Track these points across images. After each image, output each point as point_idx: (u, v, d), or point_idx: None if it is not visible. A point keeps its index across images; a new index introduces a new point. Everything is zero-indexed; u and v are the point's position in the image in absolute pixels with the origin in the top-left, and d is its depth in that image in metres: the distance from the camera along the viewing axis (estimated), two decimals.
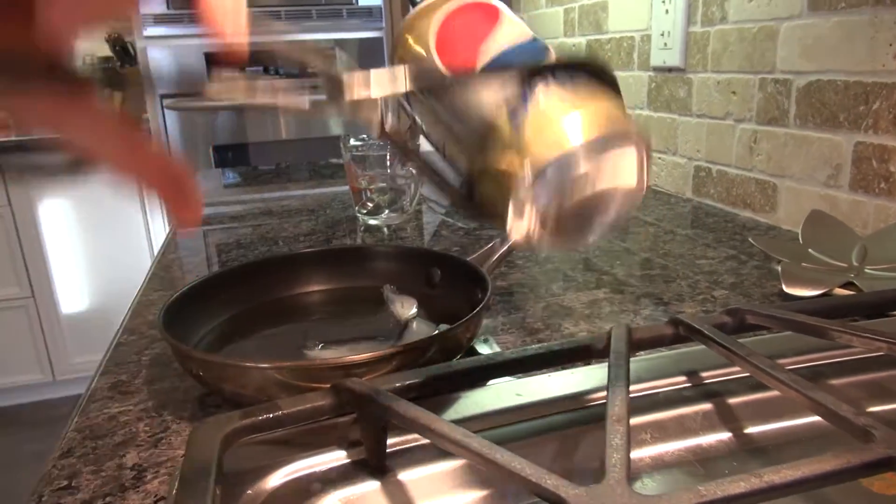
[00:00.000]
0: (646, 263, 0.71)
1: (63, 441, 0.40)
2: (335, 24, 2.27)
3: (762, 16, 0.79)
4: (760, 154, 0.82)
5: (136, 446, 0.39)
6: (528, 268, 0.71)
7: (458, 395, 0.42)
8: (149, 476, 0.37)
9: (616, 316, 0.57)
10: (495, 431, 0.39)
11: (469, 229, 0.86)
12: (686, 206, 0.94)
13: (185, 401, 0.44)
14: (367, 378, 0.40)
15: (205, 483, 0.29)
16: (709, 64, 0.89)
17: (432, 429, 0.31)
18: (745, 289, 0.62)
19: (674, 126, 0.99)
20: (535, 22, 1.41)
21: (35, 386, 2.36)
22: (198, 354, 0.42)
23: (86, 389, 0.47)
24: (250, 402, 0.42)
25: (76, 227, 2.22)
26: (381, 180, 0.88)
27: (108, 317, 2.29)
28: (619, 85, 0.29)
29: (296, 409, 0.35)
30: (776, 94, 0.79)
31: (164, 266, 0.75)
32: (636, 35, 1.05)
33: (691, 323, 0.41)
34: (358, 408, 0.35)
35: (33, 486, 0.36)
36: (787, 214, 0.80)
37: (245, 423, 0.34)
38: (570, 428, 0.40)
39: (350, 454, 0.36)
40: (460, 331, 0.45)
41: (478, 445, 0.29)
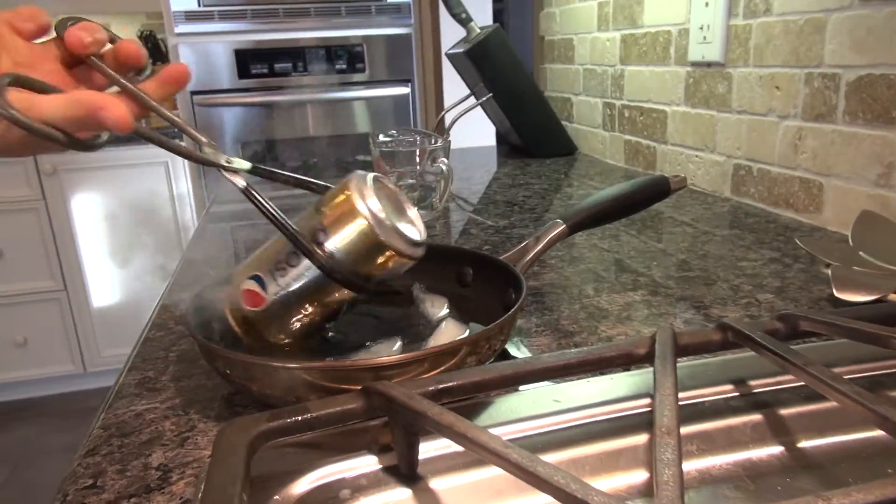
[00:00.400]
0: (683, 265, 0.68)
1: (89, 438, 0.40)
2: (364, 21, 2.27)
3: (810, 7, 0.76)
4: (805, 152, 0.79)
5: (161, 445, 0.38)
6: (561, 268, 0.69)
7: (492, 400, 0.41)
8: (174, 477, 0.36)
9: (654, 319, 0.55)
10: (531, 439, 0.37)
11: (499, 227, 0.85)
12: (724, 206, 0.91)
13: (212, 399, 0.43)
14: (398, 380, 0.39)
15: (231, 489, 0.28)
16: (751, 58, 0.86)
17: (469, 437, 0.29)
18: (791, 293, 0.59)
19: (712, 123, 0.96)
20: (568, 17, 1.39)
21: (66, 377, 2.40)
22: (225, 353, 0.41)
23: (113, 384, 0.47)
24: (278, 401, 0.41)
25: (107, 221, 2.25)
26: (410, 177, 0.87)
27: (137, 311, 2.32)
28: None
29: (326, 412, 0.33)
30: (823, 88, 0.75)
31: (192, 261, 0.75)
32: (673, 29, 1.01)
33: (741, 329, 0.39)
34: (390, 412, 0.33)
35: (59, 484, 0.36)
36: (833, 215, 0.76)
37: (273, 426, 0.32)
38: (611, 437, 0.38)
39: (381, 459, 0.35)
40: (494, 333, 0.43)
41: (518, 457, 0.28)
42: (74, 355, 2.34)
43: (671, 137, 1.06)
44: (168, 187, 2.28)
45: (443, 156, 0.87)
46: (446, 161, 0.86)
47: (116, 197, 2.24)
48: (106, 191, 2.22)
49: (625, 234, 0.79)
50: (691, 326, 0.53)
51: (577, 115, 1.41)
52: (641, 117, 1.14)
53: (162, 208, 2.29)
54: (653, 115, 1.11)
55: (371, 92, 2.31)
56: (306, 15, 2.22)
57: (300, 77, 2.26)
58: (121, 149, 2.19)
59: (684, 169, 1.04)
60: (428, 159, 0.86)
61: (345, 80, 2.30)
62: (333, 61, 2.28)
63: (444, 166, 0.86)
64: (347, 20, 2.26)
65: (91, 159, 2.18)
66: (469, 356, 0.42)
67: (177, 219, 2.31)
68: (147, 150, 2.23)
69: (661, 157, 1.10)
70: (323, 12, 2.23)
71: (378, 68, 2.31)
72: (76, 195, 2.20)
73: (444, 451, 0.35)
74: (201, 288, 0.48)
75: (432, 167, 0.86)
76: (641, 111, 1.14)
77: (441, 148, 0.87)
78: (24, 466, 2.04)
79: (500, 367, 0.37)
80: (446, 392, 0.36)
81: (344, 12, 2.25)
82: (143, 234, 2.29)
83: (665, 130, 1.07)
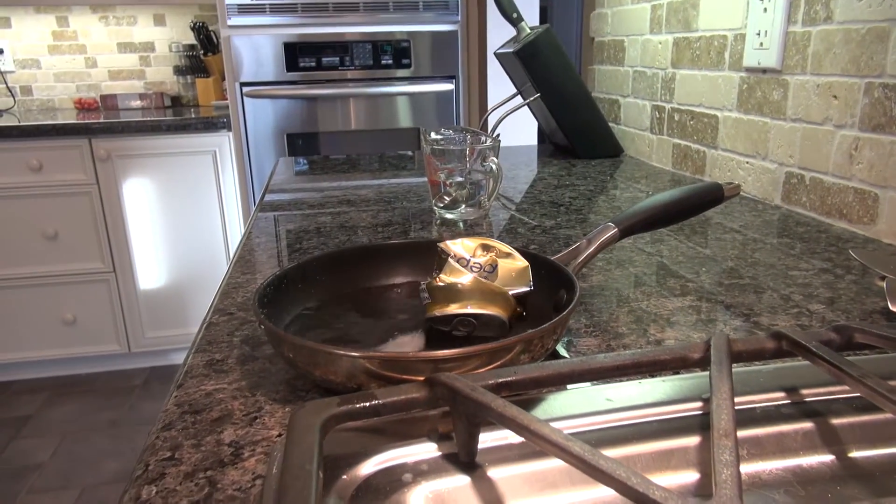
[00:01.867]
0: (733, 272, 0.68)
1: (165, 413, 0.42)
2: (411, 17, 2.29)
3: (873, 16, 0.75)
4: (861, 162, 0.78)
5: (232, 424, 0.41)
6: (609, 270, 0.69)
7: (545, 396, 0.42)
8: (245, 454, 0.38)
9: (704, 325, 0.55)
10: (584, 436, 0.38)
11: (545, 227, 0.85)
12: (774, 214, 0.90)
13: (277, 382, 0.46)
14: (456, 373, 0.40)
15: (309, 467, 0.30)
16: (808, 66, 0.85)
17: (531, 429, 0.31)
18: (842, 304, 0.59)
19: (765, 130, 0.95)
20: (620, 18, 1.38)
21: (111, 356, 2.49)
22: (291, 339, 0.43)
23: (182, 364, 0.49)
24: (338, 387, 0.43)
25: (156, 207, 2.33)
26: (460, 174, 0.88)
27: (181, 295, 2.39)
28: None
29: (392, 400, 0.35)
30: (884, 99, 0.74)
31: (248, 250, 0.78)
32: (729, 34, 1.01)
33: (796, 338, 0.39)
34: (452, 403, 0.35)
35: (139, 455, 0.38)
36: (888, 227, 0.75)
37: (342, 410, 0.34)
38: (662, 437, 0.39)
39: (441, 447, 0.37)
40: (548, 332, 0.45)
41: (580, 450, 0.29)
42: (120, 335, 2.43)
43: (722, 143, 1.06)
44: (215, 176, 2.34)
45: (492, 155, 0.88)
46: (496, 160, 0.88)
47: (165, 183, 2.31)
48: (156, 177, 2.30)
49: (672, 239, 0.80)
50: (741, 334, 0.54)
51: (624, 117, 1.40)
52: (692, 121, 1.14)
53: (208, 196, 2.35)
54: (703, 119, 1.10)
55: (415, 88, 2.34)
56: (355, 10, 2.25)
57: (346, 71, 2.30)
58: (171, 137, 2.26)
59: (734, 175, 1.03)
60: (477, 158, 0.88)
61: (389, 74, 2.33)
62: (379, 56, 2.31)
63: (494, 165, 0.87)
64: (394, 16, 2.28)
65: (143, 147, 2.25)
66: (523, 353, 0.44)
67: (222, 207, 2.37)
68: (196, 138, 2.29)
69: (711, 162, 1.09)
70: (371, 7, 2.26)
71: (423, 64, 2.33)
72: (128, 181, 2.28)
73: (501, 441, 0.37)
74: (268, 277, 0.50)
75: (482, 166, 0.88)
76: (692, 115, 1.13)
77: (491, 147, 0.88)
78: (70, 440, 2.13)
79: (556, 365, 0.39)
80: (505, 386, 0.37)
81: (391, 8, 2.28)
82: (188, 221, 2.36)
83: (716, 135, 1.07)
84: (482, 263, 0.52)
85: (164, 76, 2.83)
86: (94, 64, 2.77)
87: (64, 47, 2.73)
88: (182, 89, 2.82)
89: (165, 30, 2.78)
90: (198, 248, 2.38)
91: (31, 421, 2.24)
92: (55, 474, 1.96)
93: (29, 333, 2.37)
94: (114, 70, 2.79)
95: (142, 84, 2.82)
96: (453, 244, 0.54)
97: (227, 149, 2.32)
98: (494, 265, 0.52)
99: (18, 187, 2.21)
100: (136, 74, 2.81)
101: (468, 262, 0.52)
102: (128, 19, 2.74)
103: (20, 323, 2.36)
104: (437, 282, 0.50)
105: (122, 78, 2.80)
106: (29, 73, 2.73)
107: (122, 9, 2.72)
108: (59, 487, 1.90)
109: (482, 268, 0.52)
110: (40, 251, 2.29)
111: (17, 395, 2.40)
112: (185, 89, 2.81)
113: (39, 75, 2.74)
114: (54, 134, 2.18)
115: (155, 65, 2.81)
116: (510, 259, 0.53)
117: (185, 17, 2.75)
